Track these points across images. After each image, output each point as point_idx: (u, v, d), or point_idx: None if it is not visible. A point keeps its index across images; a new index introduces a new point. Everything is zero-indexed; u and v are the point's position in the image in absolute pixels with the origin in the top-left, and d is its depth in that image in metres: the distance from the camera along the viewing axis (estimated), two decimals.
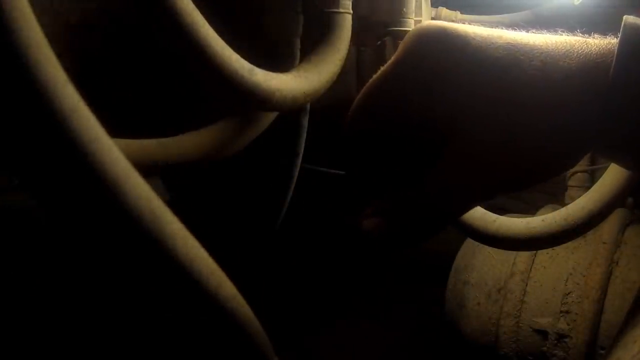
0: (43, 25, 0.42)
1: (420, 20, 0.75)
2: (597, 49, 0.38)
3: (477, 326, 0.92)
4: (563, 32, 0.40)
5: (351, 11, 0.59)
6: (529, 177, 0.40)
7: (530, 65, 0.38)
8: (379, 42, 0.74)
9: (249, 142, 0.55)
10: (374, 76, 0.42)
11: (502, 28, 0.41)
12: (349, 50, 0.59)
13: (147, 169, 0.51)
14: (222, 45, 0.40)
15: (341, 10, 0.58)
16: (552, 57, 0.38)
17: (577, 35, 0.40)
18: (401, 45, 0.41)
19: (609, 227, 0.88)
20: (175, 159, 0.48)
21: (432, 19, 0.86)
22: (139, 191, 0.22)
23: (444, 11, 0.91)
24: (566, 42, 0.39)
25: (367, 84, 0.42)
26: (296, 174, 0.69)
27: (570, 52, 0.38)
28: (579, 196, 0.63)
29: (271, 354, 0.28)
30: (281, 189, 0.69)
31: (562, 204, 0.95)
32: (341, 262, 1.01)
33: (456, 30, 0.39)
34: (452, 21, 0.90)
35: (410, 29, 0.72)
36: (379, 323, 1.09)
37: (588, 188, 0.64)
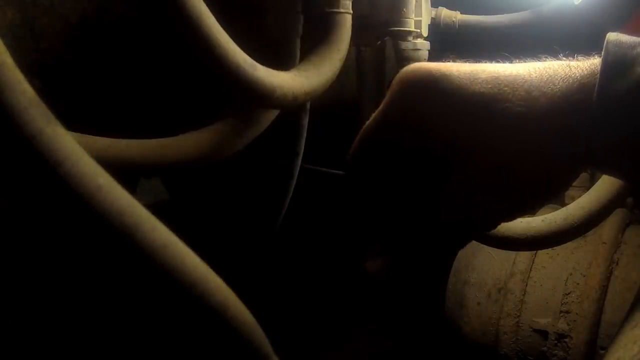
0: (43, 25, 0.42)
1: (420, 21, 0.75)
2: (581, 71, 0.38)
3: (477, 326, 0.92)
4: (546, 57, 0.41)
5: (351, 11, 0.59)
6: (527, 203, 0.41)
7: (515, 96, 0.38)
8: (379, 42, 0.74)
9: (248, 142, 0.55)
10: (367, 122, 0.43)
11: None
12: (349, 50, 0.59)
13: (147, 169, 0.51)
14: (226, 39, 0.40)
15: (341, 10, 0.58)
16: (535, 85, 0.38)
17: (560, 59, 0.40)
18: (389, 91, 0.42)
19: (609, 227, 0.88)
20: (175, 159, 0.48)
21: (432, 19, 0.86)
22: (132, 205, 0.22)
23: (444, 11, 0.91)
24: (549, 67, 0.39)
25: (362, 130, 0.44)
26: (296, 174, 0.69)
27: (554, 77, 0.38)
28: (579, 196, 0.63)
29: (270, 353, 0.28)
30: (281, 189, 0.69)
31: (562, 204, 0.94)
32: (340, 263, 1.01)
33: (440, 71, 0.40)
34: (452, 21, 0.90)
35: (410, 29, 0.72)
36: (379, 323, 1.09)
37: (588, 188, 0.64)
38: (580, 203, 0.61)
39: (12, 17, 0.41)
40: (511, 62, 0.41)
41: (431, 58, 0.75)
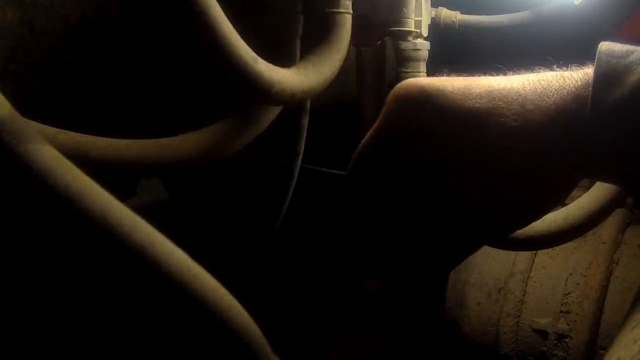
0: (43, 26, 0.42)
1: (420, 21, 0.75)
2: (574, 82, 0.38)
3: (477, 326, 0.92)
4: (540, 69, 0.41)
5: (351, 11, 0.59)
6: (525, 216, 0.41)
7: (509, 110, 0.38)
8: (379, 42, 0.74)
9: (248, 142, 0.55)
10: (365, 138, 0.44)
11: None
12: (349, 50, 0.59)
13: (147, 169, 0.51)
14: (230, 29, 0.40)
15: (341, 10, 0.58)
16: (529, 99, 0.38)
17: (554, 70, 0.40)
18: (384, 107, 0.42)
19: (609, 227, 0.88)
20: (175, 159, 0.48)
21: (432, 19, 0.86)
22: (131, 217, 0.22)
23: (444, 11, 0.91)
24: (543, 79, 0.39)
25: (360, 144, 0.44)
26: (296, 174, 0.69)
27: (548, 89, 0.38)
28: (579, 196, 0.63)
29: (269, 353, 0.28)
30: (281, 189, 0.69)
31: (562, 204, 0.94)
32: (340, 263, 1.01)
33: (434, 87, 0.40)
34: (452, 21, 0.90)
35: (410, 29, 0.72)
36: (379, 323, 1.09)
37: (588, 188, 0.64)
38: (580, 203, 0.61)
39: (12, 17, 0.41)
40: (505, 74, 0.41)
41: (431, 58, 0.75)
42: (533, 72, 0.41)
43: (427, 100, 0.39)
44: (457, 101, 0.39)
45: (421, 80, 0.41)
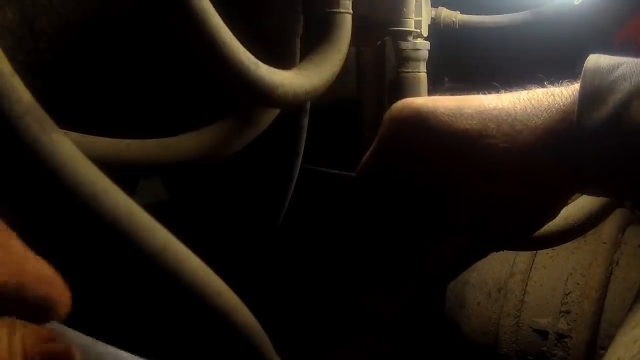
0: (43, 26, 0.42)
1: (420, 21, 0.75)
2: (564, 99, 0.38)
3: (477, 326, 0.92)
4: (532, 86, 0.41)
5: (351, 11, 0.59)
6: (518, 232, 0.42)
7: (499, 132, 0.39)
8: (379, 42, 0.74)
9: (248, 142, 0.55)
10: (365, 156, 0.45)
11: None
12: (349, 50, 0.59)
13: (147, 169, 0.51)
14: (230, 36, 0.40)
15: (341, 10, 0.58)
16: (519, 119, 0.39)
17: (545, 87, 0.40)
18: (380, 128, 0.43)
19: (609, 227, 0.88)
20: (175, 159, 0.48)
21: (432, 19, 0.86)
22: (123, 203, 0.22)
23: (444, 11, 0.91)
24: (533, 98, 0.39)
25: (361, 162, 0.45)
26: (296, 174, 0.69)
27: (538, 108, 0.39)
28: (579, 196, 0.63)
29: (271, 353, 0.28)
30: (281, 189, 0.69)
31: None
32: (339, 263, 1.01)
33: (426, 108, 0.41)
34: (452, 21, 0.90)
35: (410, 29, 0.72)
36: (379, 323, 1.09)
37: None
38: (580, 203, 0.61)
39: (12, 17, 0.41)
40: (498, 92, 0.42)
41: (431, 58, 0.75)
42: (525, 89, 0.41)
43: (420, 122, 0.41)
44: (449, 122, 0.40)
45: (415, 101, 0.42)
